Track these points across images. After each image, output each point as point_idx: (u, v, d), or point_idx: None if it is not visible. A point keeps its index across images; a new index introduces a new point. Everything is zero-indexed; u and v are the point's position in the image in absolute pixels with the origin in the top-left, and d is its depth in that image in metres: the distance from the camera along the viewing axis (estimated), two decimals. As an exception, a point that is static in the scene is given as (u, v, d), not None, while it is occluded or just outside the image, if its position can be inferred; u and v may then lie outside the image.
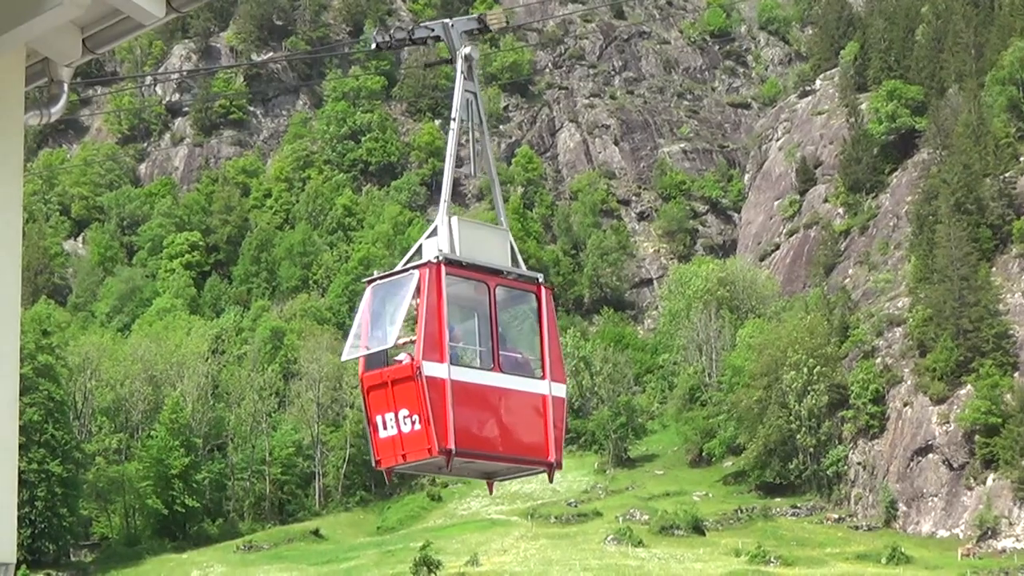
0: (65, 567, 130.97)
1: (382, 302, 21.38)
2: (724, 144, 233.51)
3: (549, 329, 22.24)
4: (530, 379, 21.76)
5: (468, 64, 23.38)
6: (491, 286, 21.65)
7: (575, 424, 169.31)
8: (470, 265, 21.48)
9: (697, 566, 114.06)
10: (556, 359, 22.04)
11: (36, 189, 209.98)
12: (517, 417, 21.58)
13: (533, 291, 22.56)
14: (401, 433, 20.74)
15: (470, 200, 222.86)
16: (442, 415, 20.29)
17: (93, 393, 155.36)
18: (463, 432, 20.50)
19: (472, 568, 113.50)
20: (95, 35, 12.41)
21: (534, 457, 21.75)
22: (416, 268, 21.04)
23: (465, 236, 21.72)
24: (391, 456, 20.98)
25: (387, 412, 20.87)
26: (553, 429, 21.58)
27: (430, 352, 20.35)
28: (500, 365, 21.36)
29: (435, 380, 20.30)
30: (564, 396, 22.02)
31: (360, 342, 21.54)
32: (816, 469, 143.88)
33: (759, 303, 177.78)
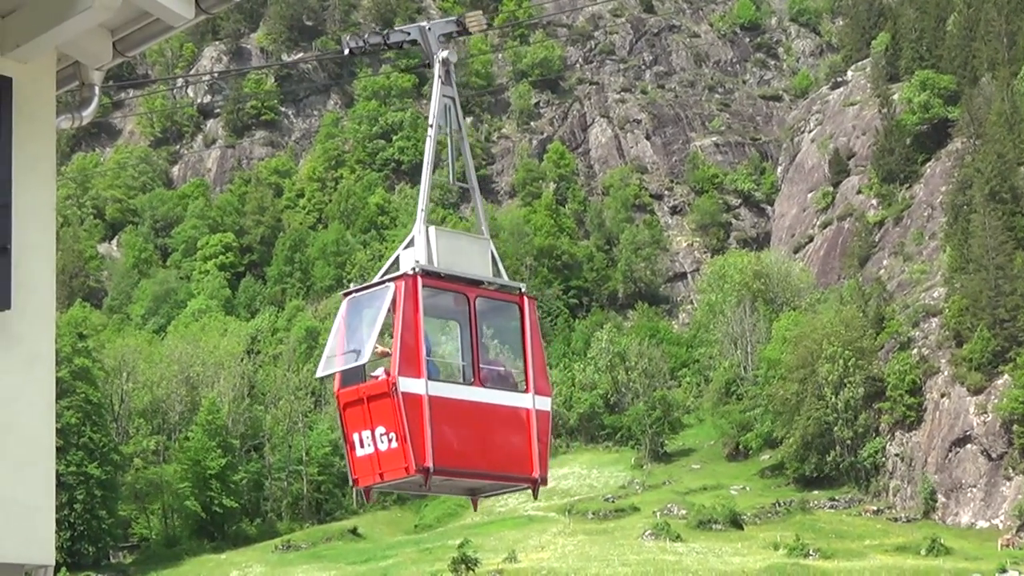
0: (105, 569, 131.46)
1: (358, 316, 20.79)
2: (756, 137, 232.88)
3: (532, 340, 21.46)
4: (513, 392, 21.14)
5: (446, 68, 22.71)
6: (471, 297, 20.94)
7: (611, 420, 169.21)
8: (449, 276, 20.84)
9: (736, 560, 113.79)
10: (540, 371, 21.45)
11: (70, 193, 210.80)
12: (499, 432, 20.99)
13: (515, 301, 21.71)
14: (378, 451, 20.17)
15: (502, 197, 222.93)
16: (419, 432, 19.70)
17: (130, 395, 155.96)
18: (442, 449, 19.90)
19: (510, 565, 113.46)
20: (125, 38, 12.40)
21: (518, 473, 21.27)
22: (392, 280, 20.44)
23: (443, 246, 21.14)
24: (369, 475, 20.44)
25: (364, 430, 20.32)
26: (537, 444, 21.11)
27: (407, 367, 19.80)
28: (481, 379, 20.72)
29: (412, 396, 19.74)
30: (548, 409, 21.48)
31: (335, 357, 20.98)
32: (853, 461, 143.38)
33: (794, 296, 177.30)
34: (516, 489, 22.70)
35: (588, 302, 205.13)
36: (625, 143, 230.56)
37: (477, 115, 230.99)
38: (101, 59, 12.45)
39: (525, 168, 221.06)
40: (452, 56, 22.63)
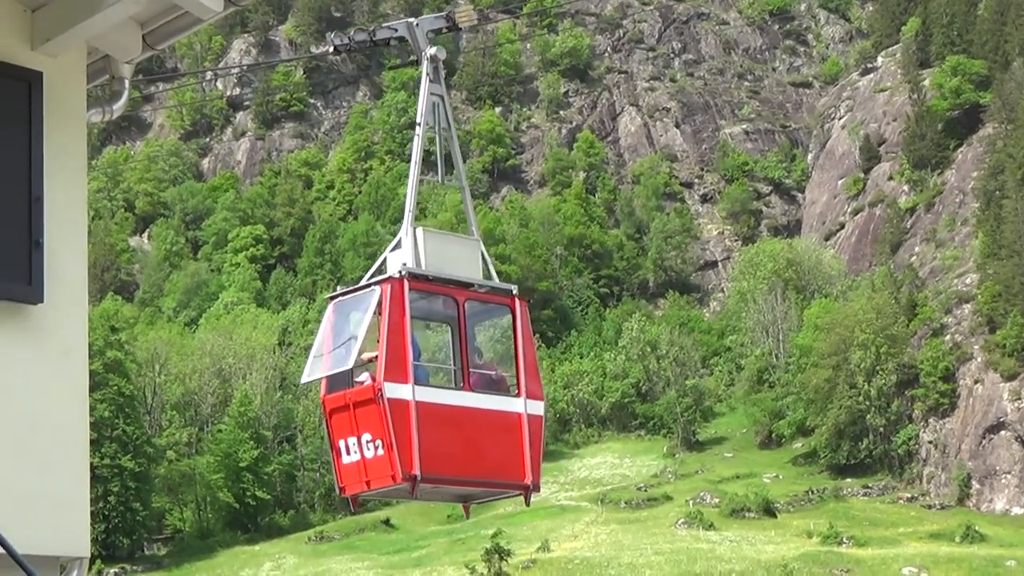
0: (139, 561, 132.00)
1: (344, 320, 20.47)
2: (786, 124, 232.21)
3: (524, 343, 21.17)
4: (504, 397, 20.78)
5: (434, 65, 22.34)
6: (460, 300, 20.64)
7: (643, 409, 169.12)
8: (437, 279, 20.54)
9: (769, 548, 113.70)
10: (532, 375, 21.07)
11: (101, 186, 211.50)
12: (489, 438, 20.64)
13: (506, 304, 21.46)
14: (364, 459, 19.86)
15: (531, 186, 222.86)
16: (406, 439, 19.38)
17: (162, 388, 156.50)
18: (430, 456, 19.58)
19: (543, 554, 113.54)
20: (155, 31, 12.43)
21: (509, 480, 20.90)
22: (377, 284, 20.15)
23: (431, 248, 20.83)
24: (355, 483, 20.20)
25: (350, 436, 20.02)
26: (529, 449, 20.66)
27: (393, 372, 19.49)
28: (471, 383, 20.41)
29: (398, 402, 19.41)
30: (541, 414, 21.06)
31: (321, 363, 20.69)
32: (887, 449, 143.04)
33: (825, 283, 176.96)
34: (508, 496, 22.19)
35: (619, 291, 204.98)
36: (655, 131, 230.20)
37: (506, 105, 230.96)
38: (131, 53, 12.47)
39: (554, 157, 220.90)
40: (440, 53, 22.28)
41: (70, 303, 11.52)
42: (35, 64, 11.48)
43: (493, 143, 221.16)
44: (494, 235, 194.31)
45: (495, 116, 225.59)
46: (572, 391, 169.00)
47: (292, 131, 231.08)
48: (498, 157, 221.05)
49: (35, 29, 11.55)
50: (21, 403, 11.06)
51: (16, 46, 11.44)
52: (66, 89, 11.73)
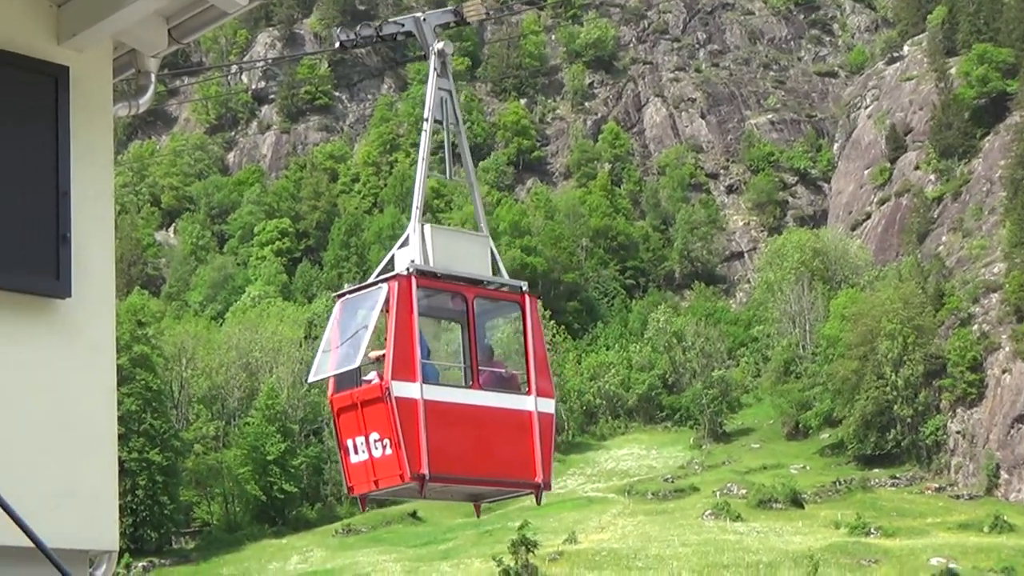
0: (167, 554, 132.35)
1: (351, 318, 20.35)
2: (812, 114, 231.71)
3: (535, 340, 20.84)
4: (514, 395, 20.56)
5: (442, 60, 21.99)
6: (469, 297, 20.41)
7: (669, 400, 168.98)
8: (445, 276, 20.34)
9: (797, 539, 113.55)
10: (543, 372, 20.80)
11: (127, 181, 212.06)
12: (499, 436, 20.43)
13: (516, 301, 21.14)
14: (372, 458, 19.72)
15: (557, 178, 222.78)
16: (414, 438, 19.20)
17: (189, 382, 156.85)
18: (438, 455, 19.40)
19: (570, 546, 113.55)
20: (180, 25, 12.44)
21: (520, 479, 20.68)
22: (384, 281, 19.97)
23: (440, 245, 20.54)
24: (363, 483, 20.06)
25: (358, 436, 19.91)
26: (540, 447, 20.45)
27: (400, 371, 19.33)
28: (480, 382, 20.18)
29: (406, 401, 19.25)
30: (551, 412, 20.84)
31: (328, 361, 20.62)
32: (915, 439, 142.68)
33: (852, 273, 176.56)
34: (519, 495, 21.99)
35: (645, 283, 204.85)
36: (680, 122, 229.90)
37: (531, 96, 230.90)
38: (156, 47, 12.48)
39: (580, 149, 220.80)
40: (448, 47, 21.97)
41: (97, 298, 11.53)
42: (61, 59, 11.50)
43: (518, 135, 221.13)
44: (520, 227, 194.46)
45: (520, 108, 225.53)
46: (598, 383, 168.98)
47: (317, 124, 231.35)
48: (523, 149, 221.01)
49: (61, 24, 11.57)
50: (49, 398, 11.09)
51: (42, 41, 11.46)
52: (92, 84, 11.75)
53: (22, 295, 11.01)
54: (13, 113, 11.20)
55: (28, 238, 11.11)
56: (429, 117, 22.02)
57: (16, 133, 11.19)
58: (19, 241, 11.06)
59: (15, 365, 10.94)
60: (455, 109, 22.18)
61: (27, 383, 10.98)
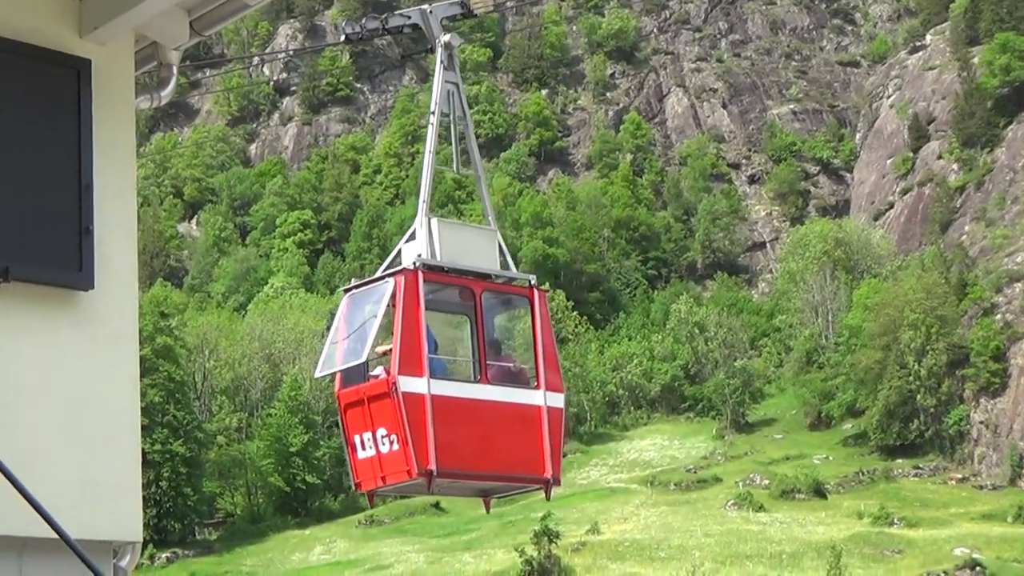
0: (191, 545, 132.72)
1: (358, 313, 20.18)
2: (834, 104, 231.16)
3: (544, 334, 20.60)
4: (523, 389, 20.37)
5: (449, 53, 22.07)
6: (477, 291, 20.21)
7: (692, 390, 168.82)
8: (452, 270, 20.17)
9: (820, 530, 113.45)
10: (552, 366, 20.60)
11: (149, 173, 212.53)
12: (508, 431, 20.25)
13: (525, 294, 20.86)
14: (380, 454, 19.65)
15: (579, 169, 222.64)
16: (421, 434, 19.07)
17: (212, 373, 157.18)
18: (446, 451, 19.22)
19: (593, 537, 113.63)
20: (202, 17, 12.46)
21: (529, 474, 20.51)
22: (391, 276, 19.85)
23: (447, 239, 20.28)
24: (371, 479, 20.07)
25: (365, 431, 19.80)
26: (549, 442, 20.25)
27: (407, 366, 19.17)
28: (488, 376, 19.99)
29: (413, 396, 19.11)
30: (561, 406, 20.67)
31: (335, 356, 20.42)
32: (938, 429, 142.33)
33: (874, 263, 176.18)
34: (528, 490, 22.00)
35: (667, 273, 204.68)
36: (702, 112, 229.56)
37: (552, 87, 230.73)
38: (178, 39, 12.50)
39: (601, 140, 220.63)
40: (454, 40, 22.03)
41: (120, 290, 11.57)
42: (83, 52, 11.53)
43: (540, 126, 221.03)
44: (541, 218, 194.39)
45: (541, 99, 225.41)
46: (621, 373, 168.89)
47: (339, 116, 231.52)
48: (545, 140, 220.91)
49: (83, 17, 11.59)
50: (72, 389, 11.13)
51: (64, 34, 11.49)
52: (114, 76, 11.78)
53: (45, 287, 11.05)
54: (35, 106, 11.24)
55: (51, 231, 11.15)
56: (436, 110, 21.91)
57: (38, 126, 11.23)
58: (42, 234, 11.10)
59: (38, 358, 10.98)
60: (462, 102, 22.05)
61: (50, 375, 11.02)
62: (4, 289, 10.81)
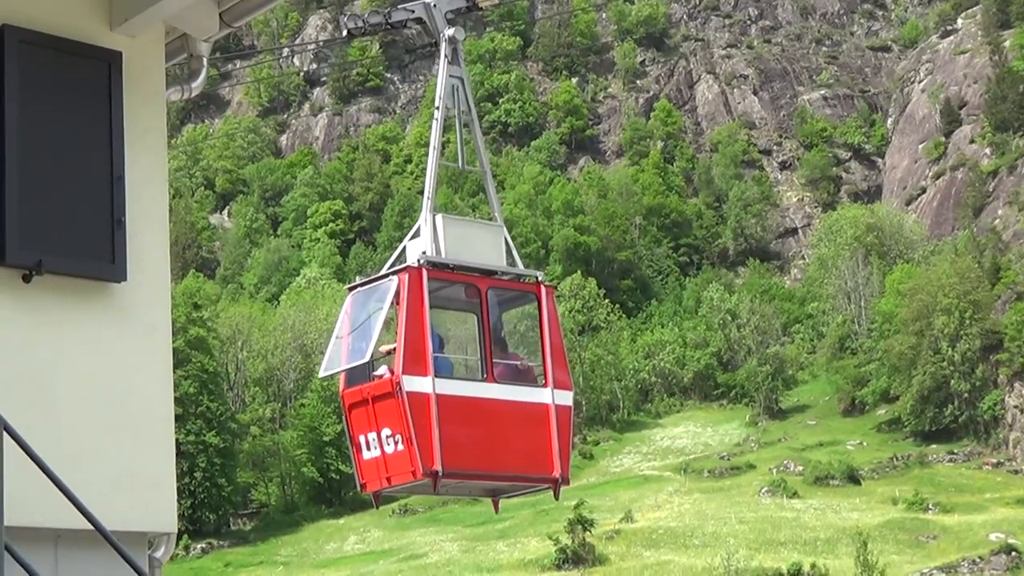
0: (225, 536, 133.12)
1: (362, 311, 19.95)
2: (865, 89, 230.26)
3: (551, 331, 20.25)
4: (530, 387, 20.09)
5: (453, 47, 21.97)
6: (482, 288, 19.90)
7: (724, 377, 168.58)
8: (457, 267, 19.89)
9: (854, 515, 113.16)
10: (560, 364, 20.33)
11: (181, 165, 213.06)
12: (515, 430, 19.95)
13: (532, 291, 20.57)
14: (385, 454, 19.38)
15: (609, 156, 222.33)
16: (426, 434, 18.79)
17: (245, 364, 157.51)
18: (452, 451, 18.98)
19: (627, 525, 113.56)
20: (231, 9, 12.48)
21: (537, 473, 20.21)
22: (395, 273, 19.55)
23: (452, 235, 20.05)
24: (376, 479, 19.75)
25: (369, 431, 19.56)
26: (557, 441, 19.93)
27: (411, 365, 18.92)
28: (495, 375, 19.72)
29: (417, 395, 18.83)
30: (569, 404, 20.43)
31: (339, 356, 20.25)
32: (972, 414, 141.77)
33: (907, 248, 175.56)
34: (536, 490, 21.58)
35: (698, 260, 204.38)
36: (732, 99, 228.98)
37: (583, 75, 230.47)
38: (208, 31, 12.53)
39: (632, 127, 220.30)
40: (459, 34, 21.93)
41: (152, 281, 11.60)
42: (114, 44, 11.56)
43: (570, 114, 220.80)
44: (573, 206, 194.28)
45: (572, 87, 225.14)
46: (653, 361, 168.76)
47: (369, 106, 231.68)
48: (575, 128, 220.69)
49: (113, 9, 11.62)
50: (106, 381, 11.17)
51: (95, 26, 11.52)
52: (145, 68, 11.81)
53: (78, 279, 11.09)
54: (67, 99, 11.27)
55: (83, 223, 11.19)
56: (440, 106, 21.68)
57: (70, 119, 11.26)
58: (74, 226, 11.14)
59: (71, 350, 11.02)
60: (467, 96, 21.90)
61: (84, 367, 11.06)
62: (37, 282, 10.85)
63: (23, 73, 10.96)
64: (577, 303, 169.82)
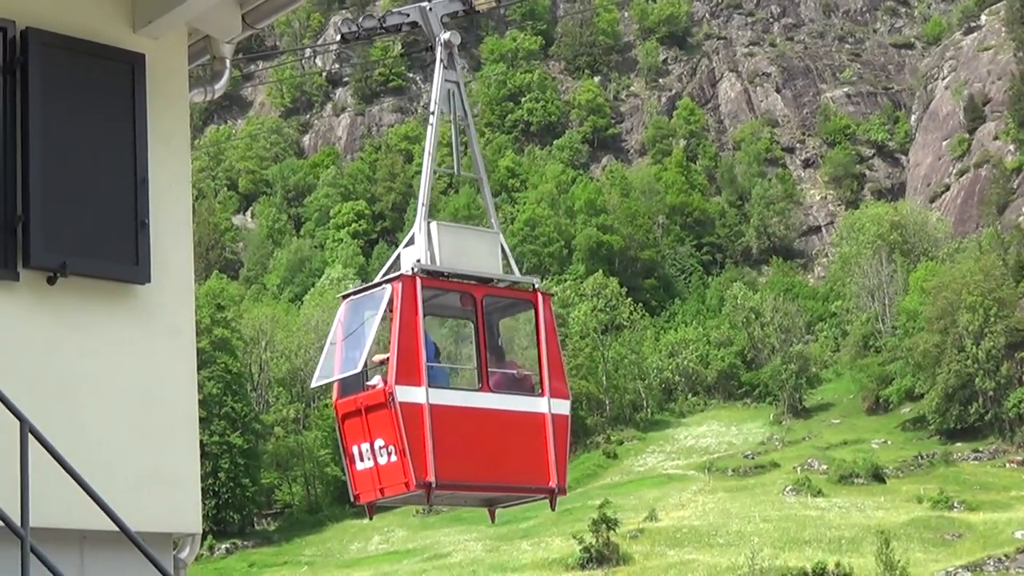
0: (250, 536, 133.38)
1: (355, 320, 19.74)
2: (888, 86, 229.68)
3: (548, 340, 20.00)
4: (526, 397, 19.83)
5: (449, 51, 21.62)
6: (478, 297, 19.69)
7: (748, 376, 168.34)
8: (452, 275, 19.72)
9: (879, 514, 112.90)
10: (557, 372, 20.01)
11: (204, 166, 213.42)
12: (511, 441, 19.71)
13: (528, 299, 20.29)
14: (378, 465, 19.11)
15: (632, 155, 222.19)
16: (420, 445, 18.56)
17: (269, 364, 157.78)
18: (446, 462, 18.74)
19: (651, 524, 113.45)
20: (254, 10, 12.51)
21: (533, 484, 19.96)
22: (388, 282, 19.45)
23: (447, 243, 19.88)
24: (369, 490, 19.49)
25: (363, 442, 19.26)
26: (554, 451, 19.69)
27: (405, 375, 18.69)
28: (489, 384, 19.53)
29: (411, 406, 18.61)
30: (566, 413, 20.06)
31: (332, 365, 19.96)
32: (997, 412, 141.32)
33: (931, 246, 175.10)
34: (532, 500, 21.33)
35: (722, 259, 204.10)
36: (755, 97, 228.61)
37: (605, 74, 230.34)
38: (231, 32, 12.55)
39: (655, 126, 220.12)
40: (455, 38, 21.55)
41: (176, 282, 11.63)
42: (137, 46, 11.59)
43: (593, 113, 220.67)
44: (596, 205, 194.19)
45: (594, 86, 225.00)
46: (677, 360, 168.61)
47: (392, 106, 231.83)
48: (598, 127, 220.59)
49: (137, 11, 11.65)
50: (131, 382, 11.20)
51: (118, 29, 11.55)
52: (168, 70, 11.83)
53: (102, 281, 11.12)
54: (91, 101, 11.30)
55: (107, 225, 11.22)
56: (436, 111, 21.76)
57: (94, 121, 11.29)
58: (98, 228, 11.17)
59: (97, 351, 11.05)
60: (463, 102, 21.87)
61: (109, 369, 11.09)
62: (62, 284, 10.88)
63: (47, 76, 10.99)
64: (600, 302, 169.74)
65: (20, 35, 10.95)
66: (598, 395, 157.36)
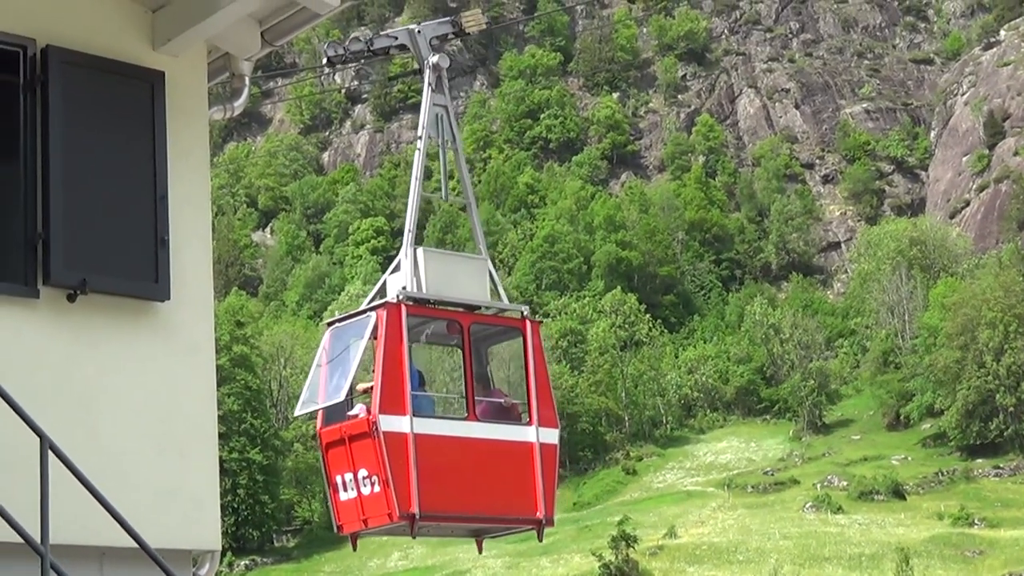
0: (269, 553, 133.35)
1: (340, 347, 19.46)
2: (908, 102, 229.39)
3: (536, 368, 19.62)
4: (514, 426, 19.49)
5: (437, 75, 21.35)
6: (464, 324, 19.38)
7: (768, 392, 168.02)
8: (438, 303, 19.47)
9: (899, 531, 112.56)
10: (545, 401, 19.63)
11: (223, 183, 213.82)
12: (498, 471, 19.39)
13: (516, 326, 19.96)
14: (361, 496, 18.88)
15: (651, 171, 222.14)
16: (404, 475, 18.28)
17: (288, 381, 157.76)
18: (430, 492, 18.45)
19: (670, 540, 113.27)
20: (273, 27, 12.54)
21: (519, 515, 19.75)
22: (373, 309, 19.13)
23: (433, 269, 19.57)
24: (353, 521, 19.36)
25: (346, 472, 19.06)
26: (542, 481, 19.38)
27: (389, 404, 18.42)
28: (476, 413, 19.16)
29: (395, 435, 18.30)
30: (555, 442, 19.72)
31: (316, 393, 19.71)
32: (1018, 428, 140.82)
33: (951, 262, 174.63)
34: (519, 531, 21.22)
35: (741, 275, 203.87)
36: (774, 113, 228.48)
37: (624, 90, 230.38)
38: (250, 50, 12.59)
39: (674, 142, 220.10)
40: (443, 61, 21.30)
41: (196, 299, 11.65)
42: (157, 64, 11.62)
43: (611, 129, 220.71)
44: (615, 221, 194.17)
45: (613, 102, 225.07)
46: (696, 376, 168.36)
47: (411, 122, 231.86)
48: (617, 143, 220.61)
49: (156, 30, 11.68)
50: (151, 399, 11.21)
51: (138, 47, 11.59)
52: (188, 88, 11.87)
53: (122, 299, 11.14)
54: (111, 119, 11.34)
55: (127, 242, 11.24)
56: (423, 135, 21.46)
57: (114, 139, 11.32)
58: (118, 246, 11.20)
59: (117, 368, 11.07)
60: (451, 126, 21.60)
61: (129, 386, 11.11)
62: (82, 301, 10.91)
63: (67, 94, 11.02)
64: (619, 319, 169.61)
65: (40, 53, 10.99)
66: (617, 411, 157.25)
